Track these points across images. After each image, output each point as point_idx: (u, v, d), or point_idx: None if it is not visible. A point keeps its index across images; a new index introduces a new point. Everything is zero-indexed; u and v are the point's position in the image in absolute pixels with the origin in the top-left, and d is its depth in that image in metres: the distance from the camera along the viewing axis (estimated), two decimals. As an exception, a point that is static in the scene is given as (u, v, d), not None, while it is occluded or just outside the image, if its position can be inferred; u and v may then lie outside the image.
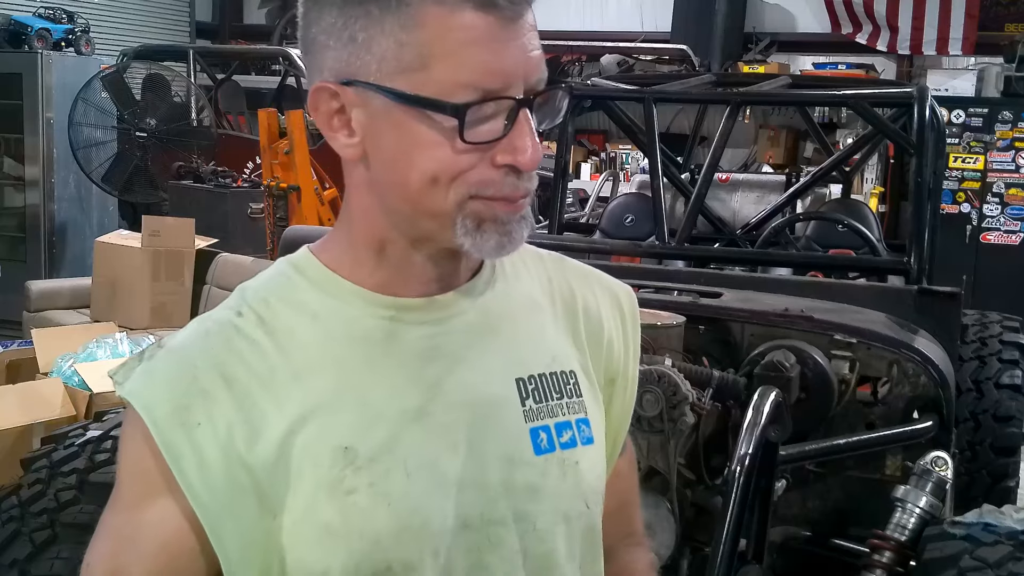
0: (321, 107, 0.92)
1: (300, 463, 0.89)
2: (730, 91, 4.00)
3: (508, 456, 0.95)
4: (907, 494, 2.27)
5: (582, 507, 1.01)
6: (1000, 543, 2.04)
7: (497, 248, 0.91)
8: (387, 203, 0.93)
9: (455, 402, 0.94)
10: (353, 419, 0.90)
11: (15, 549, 2.30)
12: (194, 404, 0.88)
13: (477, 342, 0.97)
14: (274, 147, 5.99)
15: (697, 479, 2.27)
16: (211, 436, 0.88)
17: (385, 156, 0.91)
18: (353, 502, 0.89)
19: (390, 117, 0.89)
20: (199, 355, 0.91)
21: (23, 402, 3.76)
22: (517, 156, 0.88)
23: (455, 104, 0.86)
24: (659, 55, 9.27)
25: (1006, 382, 3.49)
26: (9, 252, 7.74)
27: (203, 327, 0.94)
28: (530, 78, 0.89)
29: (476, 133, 0.87)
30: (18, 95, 7.41)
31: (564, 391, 1.00)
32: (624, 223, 4.62)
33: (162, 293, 5.96)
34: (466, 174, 0.88)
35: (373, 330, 0.94)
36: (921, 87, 3.47)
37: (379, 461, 0.90)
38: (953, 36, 8.56)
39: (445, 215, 0.89)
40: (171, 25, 10.53)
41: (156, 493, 0.89)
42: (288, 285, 0.96)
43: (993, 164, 7.77)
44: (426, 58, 0.86)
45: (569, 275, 1.09)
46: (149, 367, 0.91)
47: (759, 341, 2.50)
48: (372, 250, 0.95)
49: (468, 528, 0.93)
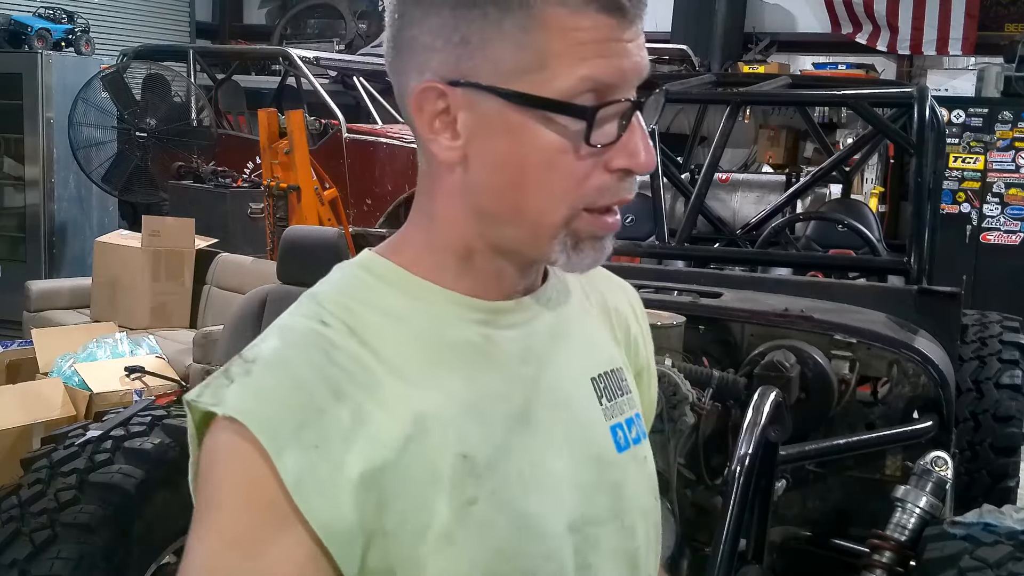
0: (426, 107, 0.88)
1: (419, 474, 0.84)
2: (730, 91, 4.00)
3: (598, 456, 0.96)
4: (907, 494, 2.27)
5: (653, 501, 1.03)
6: (1000, 543, 2.04)
7: (591, 264, 0.91)
8: (484, 209, 0.89)
9: (551, 403, 0.94)
10: (467, 426, 0.87)
11: (15, 549, 2.30)
12: (313, 423, 0.82)
13: (556, 343, 0.97)
14: (274, 147, 5.98)
15: (697, 479, 2.27)
16: (332, 457, 0.81)
17: (493, 161, 0.87)
18: (474, 511, 0.86)
19: (504, 120, 0.86)
20: (304, 369, 0.84)
21: (23, 402, 3.77)
22: (635, 158, 0.87)
23: (584, 106, 0.84)
24: (659, 55, 9.27)
25: (1006, 382, 3.49)
26: (9, 252, 7.74)
27: (290, 338, 0.87)
28: (641, 78, 0.88)
29: (598, 137, 0.85)
30: (18, 95, 7.41)
31: (623, 388, 1.02)
32: (624, 223, 4.61)
33: (162, 293, 5.96)
34: (584, 183, 0.86)
35: (470, 333, 0.91)
36: (921, 87, 3.47)
37: (497, 468, 0.88)
38: (953, 36, 8.56)
39: (550, 227, 0.87)
40: (171, 25, 10.53)
41: (280, 525, 0.80)
42: (368, 290, 0.91)
43: (993, 164, 7.77)
44: (546, 59, 0.84)
45: (593, 276, 1.08)
46: (256, 384, 0.83)
47: (759, 341, 2.50)
48: (458, 256, 0.92)
49: (573, 531, 0.92)
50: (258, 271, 5.45)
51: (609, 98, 0.85)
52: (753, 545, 2.14)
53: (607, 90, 0.85)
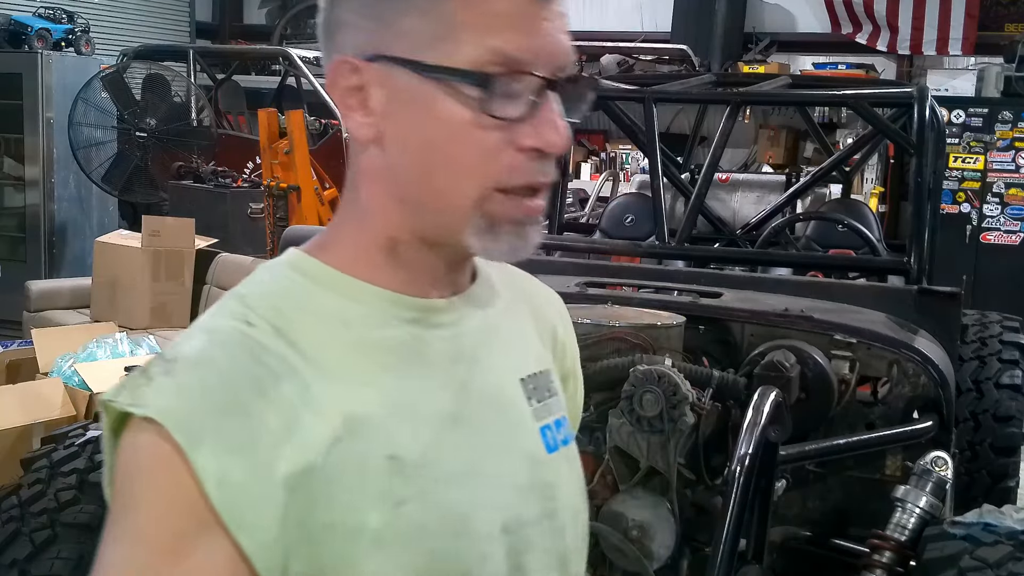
0: (340, 82, 0.88)
1: (347, 476, 0.82)
2: (730, 91, 4.00)
3: (530, 456, 0.95)
4: (907, 494, 2.27)
5: (583, 502, 1.02)
6: (1000, 543, 2.04)
7: (511, 252, 0.88)
8: (402, 193, 0.88)
9: (482, 403, 0.93)
10: (396, 426, 0.86)
11: (15, 549, 2.30)
12: (237, 425, 0.79)
13: (488, 344, 0.96)
14: (274, 147, 5.99)
15: (697, 479, 2.27)
16: (256, 460, 0.79)
17: (405, 137, 0.86)
18: (405, 513, 0.84)
19: (413, 93, 0.85)
20: (229, 369, 0.81)
21: (23, 402, 3.76)
22: (546, 136, 0.84)
23: (482, 73, 0.82)
24: (659, 55, 9.27)
25: (1006, 382, 3.49)
26: (9, 252, 7.74)
27: (215, 338, 0.84)
28: (557, 62, 0.86)
29: (503, 109, 0.83)
30: (18, 95, 7.41)
31: (551, 390, 1.00)
32: (624, 223, 4.62)
33: (162, 293, 5.96)
34: (492, 159, 0.84)
35: (402, 333, 0.89)
36: (921, 87, 3.47)
37: (427, 468, 0.86)
38: (953, 36, 8.56)
39: (462, 208, 0.86)
40: (171, 25, 10.53)
41: (199, 530, 0.77)
42: (299, 291, 0.89)
43: (993, 164, 7.77)
44: (454, 29, 0.83)
45: (519, 280, 1.08)
46: (178, 383, 0.80)
47: (759, 341, 2.50)
48: (384, 250, 0.90)
49: (507, 532, 0.91)
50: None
51: (520, 69, 0.83)
52: (753, 545, 2.14)
53: (518, 66, 0.83)
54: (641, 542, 2.13)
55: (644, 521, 2.13)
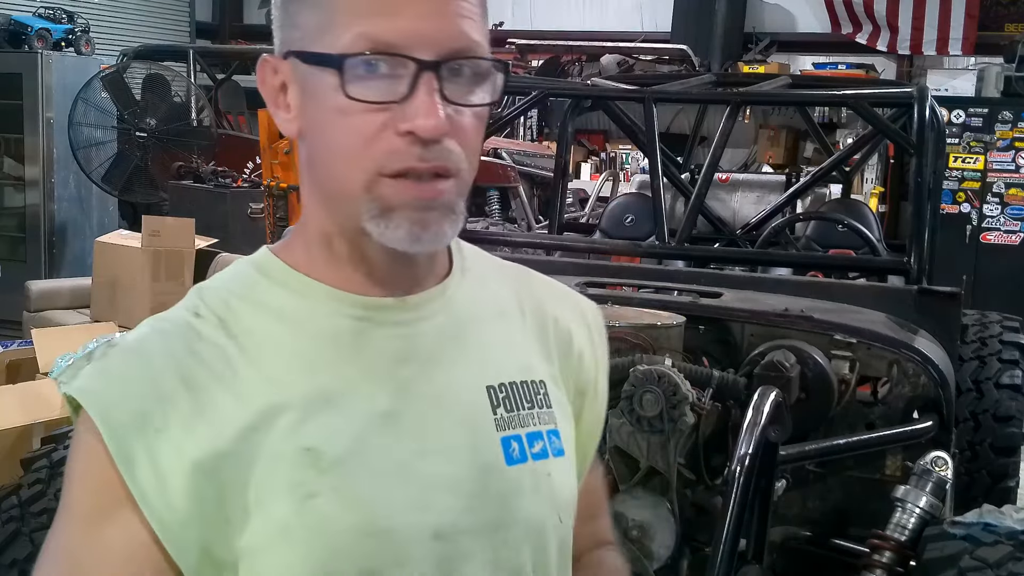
0: (266, 81, 0.92)
1: (261, 464, 0.84)
2: (730, 91, 4.00)
3: (482, 465, 0.92)
4: (907, 494, 2.27)
5: (555, 520, 0.97)
6: (1000, 543, 2.04)
7: (410, 238, 0.86)
8: (320, 185, 0.90)
9: (426, 406, 0.90)
10: (320, 420, 0.86)
11: (15, 549, 2.30)
12: (153, 409, 0.83)
13: (448, 346, 0.94)
14: (274, 147, 5.98)
15: (697, 479, 2.27)
16: (170, 444, 0.82)
17: (311, 128, 0.89)
18: (314, 506, 0.84)
19: (309, 85, 0.87)
20: (158, 356, 0.86)
21: (23, 402, 3.76)
22: (414, 120, 0.83)
23: (338, 56, 0.83)
24: (659, 55, 9.28)
25: (1006, 382, 3.49)
26: (9, 252, 7.74)
27: (159, 327, 0.89)
28: (444, 44, 0.84)
29: (365, 91, 0.83)
30: (18, 95, 7.41)
31: (535, 401, 0.97)
32: (624, 223, 4.62)
33: (162, 293, 5.95)
34: (371, 144, 0.84)
35: (342, 329, 0.90)
36: (921, 87, 3.47)
37: (344, 464, 0.86)
38: (953, 36, 8.57)
39: (354, 194, 0.86)
40: (171, 25, 10.53)
41: (114, 507, 0.82)
42: (249, 285, 0.92)
43: (993, 164, 7.77)
44: (333, 18, 0.85)
45: (536, 287, 1.06)
46: (104, 366, 0.85)
47: (759, 341, 2.49)
48: (322, 246, 0.92)
49: (440, 539, 0.88)
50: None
51: (383, 51, 0.83)
52: (753, 545, 2.14)
53: (386, 49, 0.83)
54: (641, 542, 2.13)
55: (644, 521, 2.13)
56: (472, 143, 0.88)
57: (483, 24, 0.89)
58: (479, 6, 0.88)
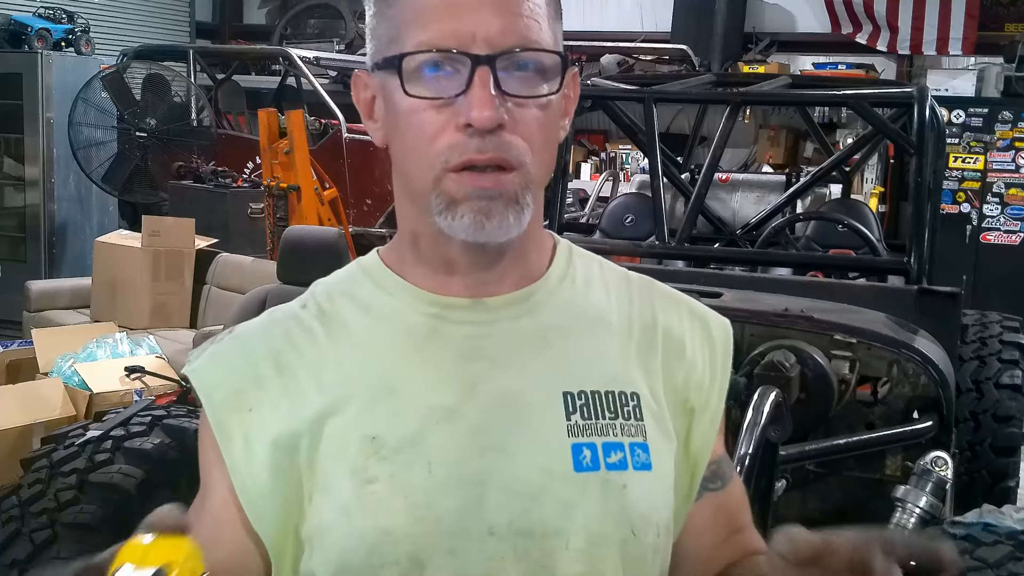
0: (359, 95, 0.98)
1: (329, 446, 0.92)
2: (730, 91, 4.00)
3: (546, 468, 0.92)
4: (907, 494, 2.27)
5: (627, 533, 0.94)
6: (1000, 543, 2.04)
7: (474, 228, 0.89)
8: (404, 186, 0.96)
9: (490, 405, 0.93)
10: (384, 410, 0.92)
11: (15, 549, 2.30)
12: (248, 390, 0.94)
13: (524, 349, 0.95)
14: (274, 147, 5.98)
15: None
16: (259, 422, 0.93)
17: (390, 134, 0.95)
18: (372, 491, 0.90)
19: (385, 92, 0.94)
20: (259, 342, 0.97)
21: (23, 402, 3.77)
22: (469, 112, 0.87)
23: (394, 56, 0.90)
24: (659, 55, 9.27)
25: (1006, 382, 3.49)
26: (9, 252, 7.74)
27: (270, 317, 1.00)
28: (500, 40, 0.88)
29: (425, 89, 0.89)
30: (18, 95, 7.41)
31: (620, 412, 0.96)
32: (624, 223, 4.62)
33: (162, 293, 5.96)
34: (435, 140, 0.89)
35: (416, 325, 0.96)
36: (921, 87, 3.47)
37: (403, 453, 0.91)
38: (953, 36, 8.56)
39: (425, 192, 0.91)
40: (171, 25, 10.52)
41: (215, 466, 0.95)
42: (352, 281, 1.01)
43: (993, 164, 7.77)
44: (400, 29, 0.91)
45: (655, 298, 1.05)
46: (215, 350, 0.98)
47: (759, 341, 2.49)
48: (410, 245, 0.98)
49: (494, 535, 0.90)
50: (258, 271, 5.45)
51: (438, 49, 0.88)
52: (753, 545, 2.14)
53: (442, 46, 0.89)
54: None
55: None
56: (536, 137, 0.91)
57: (550, 23, 0.93)
58: (544, 6, 0.93)
